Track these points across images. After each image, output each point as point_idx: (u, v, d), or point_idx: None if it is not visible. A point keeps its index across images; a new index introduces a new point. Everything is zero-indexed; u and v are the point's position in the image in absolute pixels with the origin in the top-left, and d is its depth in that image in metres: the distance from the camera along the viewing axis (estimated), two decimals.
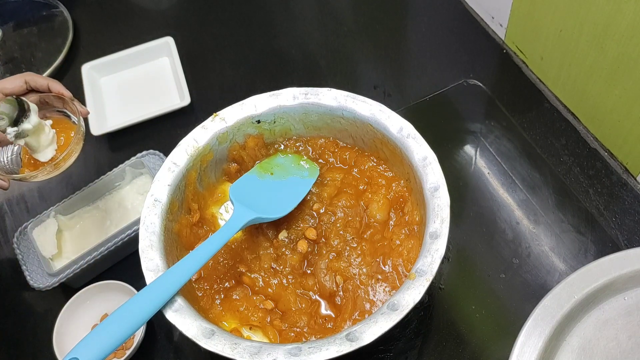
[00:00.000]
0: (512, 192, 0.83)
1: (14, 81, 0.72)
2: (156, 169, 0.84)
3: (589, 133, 0.87)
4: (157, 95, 0.99)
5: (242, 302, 0.67)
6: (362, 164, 0.75)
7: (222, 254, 0.70)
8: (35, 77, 0.73)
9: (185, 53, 1.02)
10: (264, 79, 1.01)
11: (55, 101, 0.73)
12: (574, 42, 0.81)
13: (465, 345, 0.72)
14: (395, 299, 0.58)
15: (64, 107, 0.74)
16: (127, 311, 0.57)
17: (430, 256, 0.60)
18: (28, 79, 0.73)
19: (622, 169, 0.83)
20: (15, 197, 0.91)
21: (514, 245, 0.78)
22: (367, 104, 0.72)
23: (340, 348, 0.56)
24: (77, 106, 0.72)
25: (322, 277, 0.67)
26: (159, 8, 1.13)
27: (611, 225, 0.79)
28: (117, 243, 0.78)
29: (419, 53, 1.01)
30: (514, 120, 0.89)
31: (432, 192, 0.64)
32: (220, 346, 0.57)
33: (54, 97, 0.73)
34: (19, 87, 0.72)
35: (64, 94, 0.73)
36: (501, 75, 0.96)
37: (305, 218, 0.72)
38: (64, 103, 0.73)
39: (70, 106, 0.73)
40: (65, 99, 0.72)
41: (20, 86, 0.72)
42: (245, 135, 0.75)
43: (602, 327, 0.67)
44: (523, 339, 0.64)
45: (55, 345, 0.72)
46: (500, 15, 0.96)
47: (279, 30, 1.07)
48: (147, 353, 0.75)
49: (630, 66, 0.74)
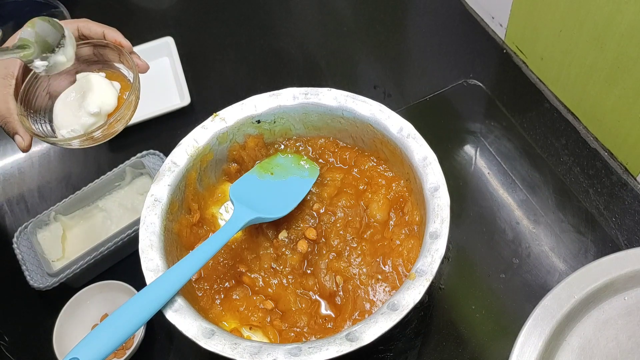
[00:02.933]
0: (512, 192, 0.83)
1: (66, 26, 0.62)
2: (156, 169, 0.84)
3: (589, 133, 0.87)
4: (157, 95, 0.99)
5: (242, 302, 0.67)
6: (362, 164, 0.75)
7: (222, 254, 0.70)
8: (90, 24, 0.64)
9: (185, 53, 1.02)
10: (264, 79, 1.01)
11: (110, 53, 0.64)
12: (574, 42, 0.81)
13: (465, 345, 0.72)
14: (395, 299, 0.58)
15: (120, 61, 0.64)
16: (127, 311, 0.57)
17: (430, 256, 0.60)
18: (81, 26, 0.64)
19: (622, 169, 0.83)
20: (15, 197, 0.91)
21: (514, 245, 0.78)
22: (367, 104, 0.72)
23: (340, 348, 0.56)
24: (135, 60, 0.63)
25: (322, 277, 0.67)
26: (159, 8, 1.13)
27: (611, 225, 0.79)
28: (117, 243, 0.78)
29: (419, 53, 1.01)
30: (514, 120, 0.89)
31: (432, 192, 0.64)
32: (220, 346, 0.57)
33: (109, 49, 0.63)
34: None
35: (123, 43, 0.63)
36: (501, 75, 0.96)
37: (305, 218, 0.72)
38: (120, 56, 0.63)
39: (127, 60, 0.63)
40: (123, 51, 0.63)
41: (71, 32, 0.63)
42: (245, 135, 0.75)
43: (602, 327, 0.67)
44: (523, 339, 0.64)
45: (55, 345, 0.72)
46: (500, 15, 0.96)
47: (279, 30, 1.07)
48: (147, 353, 0.75)
49: (630, 66, 0.74)
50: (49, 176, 0.93)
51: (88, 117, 0.61)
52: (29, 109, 0.63)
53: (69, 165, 0.94)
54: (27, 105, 0.63)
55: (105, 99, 0.62)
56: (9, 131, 0.63)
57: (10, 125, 0.62)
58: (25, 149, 0.63)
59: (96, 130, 0.60)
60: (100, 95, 0.62)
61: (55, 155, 0.95)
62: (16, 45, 0.56)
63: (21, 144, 0.63)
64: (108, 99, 0.62)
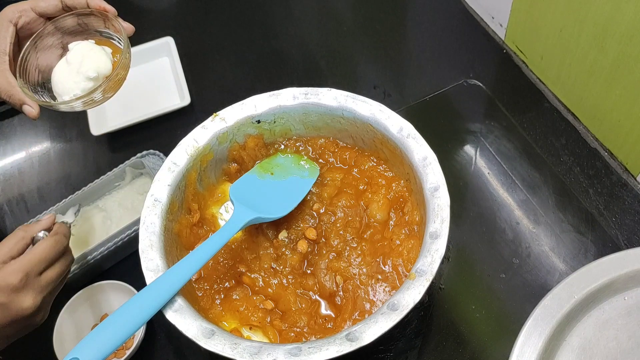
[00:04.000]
0: (512, 192, 0.83)
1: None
2: (156, 169, 0.84)
3: (589, 133, 0.87)
4: (157, 95, 0.99)
5: (242, 302, 0.67)
6: (362, 164, 0.75)
7: (222, 254, 0.70)
8: None
9: (185, 53, 1.02)
10: (264, 79, 1.01)
11: (95, 21, 0.66)
12: (574, 42, 0.81)
13: (465, 345, 0.72)
14: (395, 299, 0.58)
15: (106, 27, 0.66)
16: (127, 311, 0.57)
17: (430, 256, 0.60)
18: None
19: (622, 169, 0.83)
20: (15, 197, 0.91)
21: (514, 245, 0.78)
22: (367, 104, 0.72)
23: (340, 348, 0.56)
24: (120, 23, 0.65)
25: (322, 277, 0.67)
26: (159, 8, 1.13)
27: (611, 225, 0.79)
28: (117, 243, 0.78)
29: (419, 53, 1.01)
30: (514, 120, 0.89)
31: (432, 192, 0.64)
32: (220, 346, 0.57)
33: (93, 16, 0.66)
34: (54, 6, 0.66)
35: (107, 9, 0.65)
36: (501, 75, 0.96)
37: (305, 218, 0.72)
38: (105, 22, 0.65)
39: (113, 24, 0.65)
40: (108, 16, 0.65)
41: (55, 5, 0.65)
42: (245, 135, 0.75)
43: (602, 327, 0.67)
44: (523, 339, 0.64)
45: (55, 345, 0.72)
46: (500, 15, 0.96)
47: (279, 30, 1.07)
48: (147, 353, 0.75)
49: (630, 66, 0.74)
50: (49, 176, 0.93)
51: (87, 81, 0.65)
52: (27, 82, 0.66)
53: (68, 165, 0.94)
54: (25, 79, 0.66)
55: (101, 63, 0.65)
56: (15, 103, 0.65)
57: (15, 97, 0.65)
58: (35, 117, 0.66)
59: (96, 90, 0.64)
60: (95, 60, 0.65)
61: (55, 155, 0.95)
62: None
63: (31, 113, 0.65)
64: (103, 63, 0.65)
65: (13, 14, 0.65)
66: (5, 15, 0.65)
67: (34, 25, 0.67)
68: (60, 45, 0.69)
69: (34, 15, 0.66)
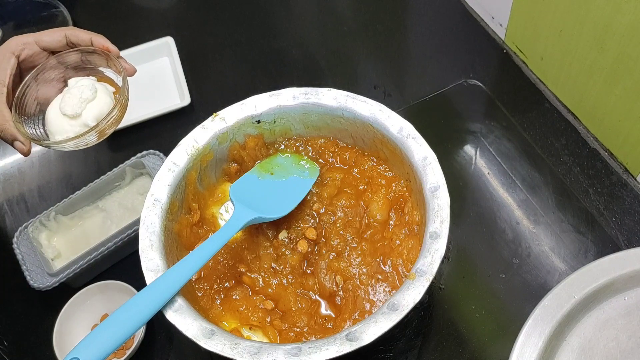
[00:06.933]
0: (512, 192, 0.83)
1: (53, 34, 0.65)
2: (156, 169, 0.84)
3: (589, 133, 0.87)
4: (157, 95, 0.99)
5: (242, 302, 0.67)
6: (362, 164, 0.75)
7: (222, 254, 0.70)
8: (77, 32, 0.66)
9: (185, 53, 1.02)
10: (264, 79, 1.01)
11: (97, 59, 0.66)
12: (574, 42, 0.81)
13: (465, 345, 0.72)
14: (395, 299, 0.58)
15: (108, 66, 0.66)
16: (127, 311, 0.57)
17: (430, 256, 0.60)
18: (69, 33, 0.66)
19: (622, 169, 0.83)
20: (15, 197, 0.91)
21: (514, 245, 0.78)
22: (367, 104, 0.72)
23: (340, 348, 0.56)
24: (122, 64, 0.65)
25: (322, 277, 0.67)
26: (159, 8, 1.13)
27: (611, 225, 0.79)
28: (117, 243, 0.78)
29: (419, 53, 1.01)
30: (514, 120, 0.89)
31: (432, 192, 0.64)
32: (220, 346, 0.57)
33: (96, 54, 0.66)
34: (58, 41, 0.66)
35: (110, 49, 0.65)
36: (501, 75, 0.96)
37: (305, 218, 0.72)
38: (107, 61, 0.65)
39: (115, 64, 0.65)
40: (110, 56, 0.65)
41: (59, 40, 0.66)
42: (245, 135, 0.75)
43: (602, 327, 0.67)
44: (523, 339, 0.64)
45: (55, 345, 0.72)
46: (500, 15, 0.96)
47: (279, 30, 1.07)
48: (147, 353, 0.75)
49: (630, 66, 0.74)
50: (49, 176, 0.93)
51: (83, 127, 0.64)
52: (22, 116, 0.65)
53: (69, 165, 0.94)
54: (21, 112, 0.65)
55: (104, 109, 0.64)
56: (6, 138, 0.65)
57: (7, 132, 0.64)
58: (27, 154, 0.65)
59: (90, 133, 0.63)
60: (99, 106, 0.64)
61: (55, 155, 0.95)
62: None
63: (23, 149, 0.65)
64: (106, 109, 0.64)
65: (16, 46, 0.65)
66: (9, 47, 0.65)
67: (37, 59, 0.67)
68: (62, 79, 0.68)
69: (37, 48, 0.66)
